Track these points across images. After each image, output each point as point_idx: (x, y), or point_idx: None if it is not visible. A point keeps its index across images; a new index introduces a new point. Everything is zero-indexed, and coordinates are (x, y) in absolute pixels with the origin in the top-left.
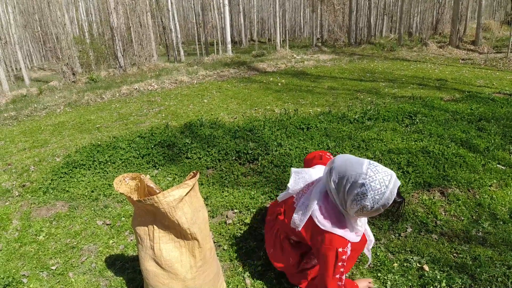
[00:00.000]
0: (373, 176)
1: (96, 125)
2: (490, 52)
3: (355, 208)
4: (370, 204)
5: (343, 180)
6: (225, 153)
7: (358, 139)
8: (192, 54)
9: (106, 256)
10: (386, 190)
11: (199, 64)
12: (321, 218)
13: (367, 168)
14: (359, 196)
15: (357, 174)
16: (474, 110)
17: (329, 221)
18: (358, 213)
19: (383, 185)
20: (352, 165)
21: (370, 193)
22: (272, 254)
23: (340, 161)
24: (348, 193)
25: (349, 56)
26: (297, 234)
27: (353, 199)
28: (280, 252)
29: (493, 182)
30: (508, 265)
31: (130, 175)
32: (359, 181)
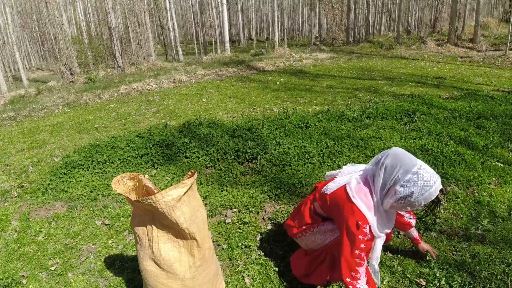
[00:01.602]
0: (426, 169)
1: (94, 125)
2: (489, 50)
3: (399, 195)
4: (417, 192)
5: (396, 166)
6: (224, 152)
7: (357, 138)
8: (190, 54)
9: (105, 256)
10: (433, 185)
11: (198, 63)
12: (354, 189)
13: (421, 163)
14: (409, 182)
15: (412, 164)
16: (472, 108)
17: (360, 197)
18: (399, 202)
19: (432, 180)
20: (408, 156)
21: (420, 182)
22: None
23: (397, 150)
24: (398, 179)
25: (347, 55)
26: (322, 199)
27: (402, 184)
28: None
29: (492, 180)
30: (507, 262)
31: (128, 175)
32: (413, 170)
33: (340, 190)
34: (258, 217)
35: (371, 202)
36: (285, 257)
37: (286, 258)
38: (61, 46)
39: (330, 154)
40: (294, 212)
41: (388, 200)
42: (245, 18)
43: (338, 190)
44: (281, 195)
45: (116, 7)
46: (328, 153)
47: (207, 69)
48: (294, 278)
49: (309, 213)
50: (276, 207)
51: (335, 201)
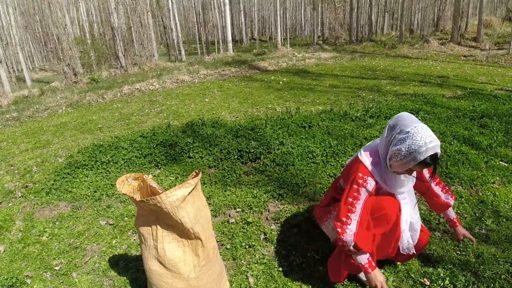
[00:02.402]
0: (419, 131)
1: (98, 125)
2: (492, 49)
3: (391, 153)
4: (404, 150)
5: (396, 127)
6: (227, 152)
7: (360, 137)
8: (193, 53)
9: (109, 256)
10: (423, 145)
11: (200, 63)
12: (363, 153)
13: (418, 125)
14: (400, 140)
15: (409, 125)
16: (476, 107)
17: (368, 158)
18: (392, 160)
19: (423, 141)
20: (410, 119)
21: (408, 140)
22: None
23: (404, 114)
24: (394, 138)
25: (350, 54)
26: (343, 172)
27: (395, 143)
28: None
29: (496, 179)
30: (511, 262)
31: (132, 175)
32: (407, 129)
33: (354, 158)
34: (261, 217)
35: (375, 160)
36: (288, 256)
37: (290, 258)
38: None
39: (333, 154)
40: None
41: (388, 160)
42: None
43: (353, 159)
44: (285, 195)
45: (119, 7)
46: (331, 153)
47: (209, 69)
48: (298, 278)
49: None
50: (279, 206)
51: (348, 167)
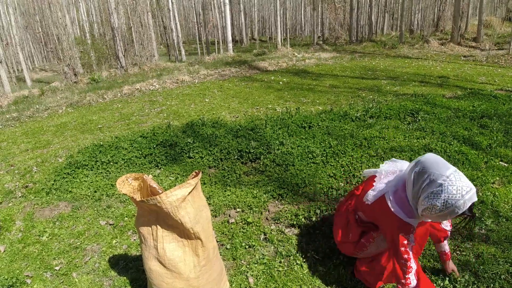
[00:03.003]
0: (453, 182)
1: (98, 125)
2: (492, 49)
3: (425, 205)
4: (440, 206)
5: (424, 175)
6: (227, 152)
7: (360, 137)
8: (193, 54)
9: (109, 256)
10: (460, 199)
11: (200, 64)
12: (393, 200)
13: (450, 173)
14: (433, 194)
15: (439, 174)
16: (476, 107)
17: (399, 206)
18: (426, 212)
19: (459, 193)
20: (438, 165)
21: (444, 195)
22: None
23: (430, 157)
24: (424, 189)
25: (350, 54)
26: (365, 208)
27: (426, 196)
28: (344, 226)
29: (496, 180)
30: (511, 262)
31: (133, 176)
32: (438, 181)
33: (381, 200)
34: (261, 217)
35: (411, 210)
36: (288, 256)
37: (290, 258)
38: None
39: (333, 154)
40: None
41: (419, 208)
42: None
43: (379, 200)
44: (285, 195)
45: (119, 7)
46: (331, 153)
47: (210, 69)
48: (298, 278)
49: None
50: (279, 206)
51: (377, 212)
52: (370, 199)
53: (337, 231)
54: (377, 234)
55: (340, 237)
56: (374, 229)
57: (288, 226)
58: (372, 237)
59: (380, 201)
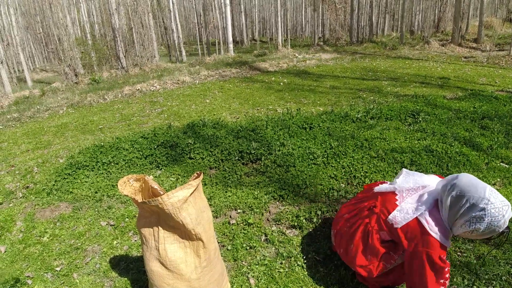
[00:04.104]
0: (494, 204)
1: (98, 126)
2: (493, 50)
3: (466, 229)
4: (484, 228)
5: (463, 199)
6: (228, 153)
7: (361, 138)
8: (193, 54)
9: (110, 257)
10: (502, 219)
11: (201, 64)
12: (431, 223)
13: (489, 194)
14: (476, 218)
15: (479, 197)
16: (477, 109)
17: (437, 228)
18: (466, 234)
19: (501, 214)
20: (476, 187)
21: (487, 218)
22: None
23: (464, 180)
24: (464, 213)
25: (351, 55)
26: (392, 230)
27: (467, 219)
28: (364, 249)
29: (497, 181)
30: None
31: (134, 177)
32: (480, 205)
33: (414, 224)
34: (262, 218)
35: (447, 231)
36: (289, 257)
37: (291, 259)
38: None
39: (334, 155)
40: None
41: (456, 230)
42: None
43: (411, 223)
44: (286, 196)
45: (120, 8)
46: (332, 154)
47: (210, 70)
48: (299, 279)
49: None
50: (280, 208)
51: (410, 235)
52: (399, 221)
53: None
54: (397, 255)
55: (360, 261)
56: (394, 249)
57: (289, 227)
58: (393, 259)
59: (413, 224)
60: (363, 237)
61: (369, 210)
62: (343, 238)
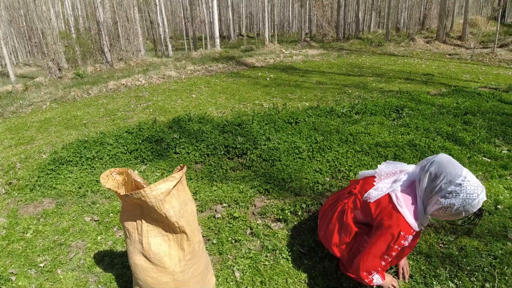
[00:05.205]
0: (471, 181)
1: (82, 121)
2: (477, 47)
3: (440, 205)
4: (458, 204)
5: (441, 175)
6: (214, 147)
7: (346, 133)
8: (180, 49)
9: (94, 252)
10: (476, 198)
11: (187, 59)
12: (401, 199)
13: (466, 173)
14: (451, 194)
15: (457, 175)
16: (460, 104)
17: (406, 206)
18: (439, 211)
19: (476, 193)
20: (453, 165)
21: (462, 195)
22: (325, 234)
23: (443, 158)
24: (441, 189)
25: (337, 51)
26: (365, 207)
27: (443, 195)
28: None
29: (479, 174)
30: (495, 255)
31: (117, 170)
32: (457, 181)
33: (385, 198)
34: (248, 212)
35: (417, 210)
36: (274, 250)
37: (276, 252)
38: (48, 41)
39: (319, 149)
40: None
41: (430, 208)
42: (235, 14)
43: (382, 198)
44: (271, 190)
45: (105, 1)
46: (317, 148)
47: (197, 65)
48: (284, 272)
49: (355, 224)
50: (266, 201)
51: (379, 208)
52: (372, 197)
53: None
54: (370, 237)
55: (335, 239)
56: (367, 232)
57: (274, 221)
58: (365, 241)
59: (384, 200)
60: (339, 216)
61: (349, 193)
62: (325, 220)
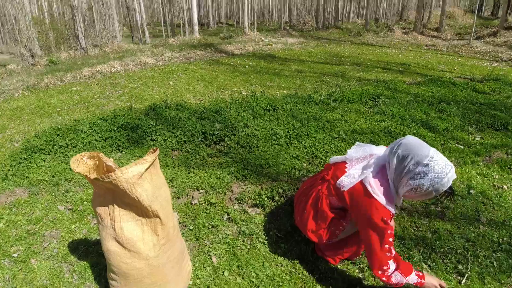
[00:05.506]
0: (438, 161)
1: (56, 108)
2: (453, 39)
3: (410, 186)
4: (427, 184)
5: (408, 157)
6: (191, 134)
7: (323, 120)
8: (157, 36)
9: (68, 241)
10: (444, 177)
11: (165, 46)
12: (374, 186)
13: (433, 153)
14: (419, 175)
15: (424, 155)
16: (435, 93)
17: (381, 191)
18: (410, 192)
19: (444, 171)
20: (420, 146)
21: (430, 174)
22: (301, 220)
23: (410, 139)
24: (409, 170)
25: (316, 40)
26: (339, 194)
27: (412, 176)
28: (315, 214)
29: (452, 161)
30: (467, 238)
31: (87, 154)
32: (424, 161)
33: (358, 187)
34: (225, 198)
35: (390, 194)
36: (251, 235)
37: (253, 236)
38: (21, 27)
39: (296, 136)
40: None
41: (401, 190)
42: (214, 1)
43: (356, 186)
44: (248, 176)
45: None
46: (295, 135)
47: (174, 52)
48: (261, 256)
49: (330, 210)
50: (243, 187)
51: (355, 198)
52: (345, 185)
53: (306, 219)
54: (346, 222)
55: (311, 225)
56: (343, 216)
57: (251, 206)
58: (342, 225)
59: (358, 188)
60: (314, 202)
61: (322, 179)
62: (300, 206)
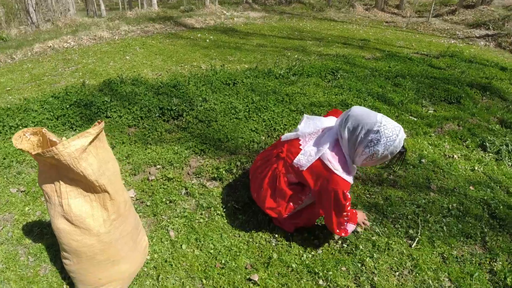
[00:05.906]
0: (386, 125)
1: (6, 88)
2: (413, 16)
3: (366, 154)
4: (382, 149)
5: (358, 127)
6: (148, 110)
7: (282, 93)
8: (114, 9)
9: (22, 224)
10: (396, 138)
11: (121, 19)
12: (333, 161)
13: (381, 118)
14: (373, 142)
15: (372, 123)
16: (391, 68)
17: (339, 165)
18: (367, 160)
19: (394, 133)
20: (368, 114)
21: (383, 139)
22: (258, 197)
23: (356, 110)
24: (362, 140)
25: (279, 15)
26: (298, 173)
27: (366, 145)
28: (272, 192)
29: (405, 132)
30: (418, 204)
31: (30, 130)
32: (374, 128)
33: (317, 164)
34: (183, 172)
35: (348, 166)
36: (209, 208)
37: (211, 209)
38: None
39: (255, 109)
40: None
41: (358, 159)
42: None
43: (315, 164)
44: (207, 150)
45: None
46: (254, 108)
47: (131, 25)
48: (219, 227)
49: (288, 187)
50: (201, 161)
51: (315, 176)
52: (304, 164)
53: (264, 197)
54: (305, 195)
55: (269, 203)
56: (300, 191)
57: (209, 180)
58: (301, 200)
59: (317, 165)
60: (272, 181)
61: (276, 156)
62: (256, 182)
